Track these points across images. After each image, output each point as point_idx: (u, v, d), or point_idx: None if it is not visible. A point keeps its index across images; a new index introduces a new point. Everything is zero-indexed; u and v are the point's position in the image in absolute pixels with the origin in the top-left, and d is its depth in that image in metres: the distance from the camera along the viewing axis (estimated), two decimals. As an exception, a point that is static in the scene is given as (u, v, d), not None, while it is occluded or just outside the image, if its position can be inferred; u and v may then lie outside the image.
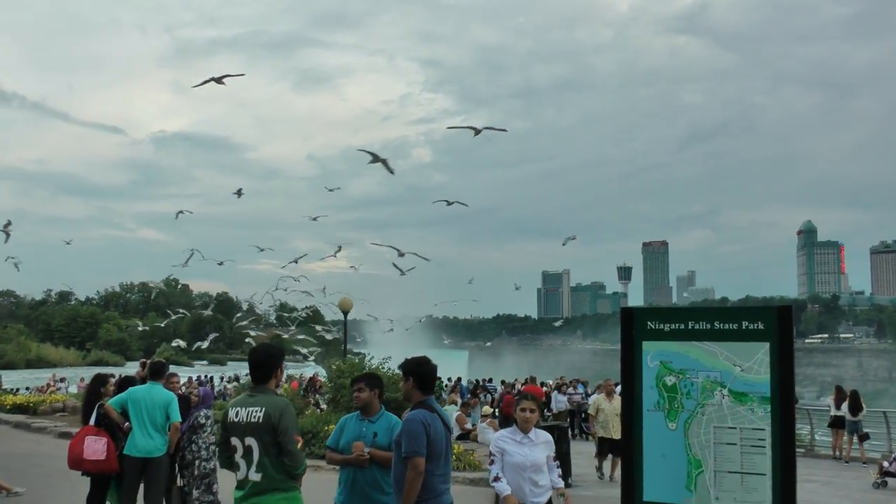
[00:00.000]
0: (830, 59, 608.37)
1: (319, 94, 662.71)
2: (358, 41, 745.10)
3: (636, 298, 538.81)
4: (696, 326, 5.90)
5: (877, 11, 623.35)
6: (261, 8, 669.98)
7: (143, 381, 26.12)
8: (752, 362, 5.72)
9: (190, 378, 56.88)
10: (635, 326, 6.09)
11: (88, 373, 72.03)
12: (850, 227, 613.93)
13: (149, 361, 27.19)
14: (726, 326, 5.82)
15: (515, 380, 46.39)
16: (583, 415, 32.83)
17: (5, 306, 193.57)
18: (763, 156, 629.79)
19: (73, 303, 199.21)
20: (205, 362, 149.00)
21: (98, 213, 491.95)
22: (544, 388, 41.84)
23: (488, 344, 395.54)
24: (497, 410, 32.95)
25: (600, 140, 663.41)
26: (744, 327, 5.78)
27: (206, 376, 69.41)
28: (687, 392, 5.86)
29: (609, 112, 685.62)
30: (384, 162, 37.92)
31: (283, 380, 52.99)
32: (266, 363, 6.74)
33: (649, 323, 6.05)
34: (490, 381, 48.73)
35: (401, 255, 39.12)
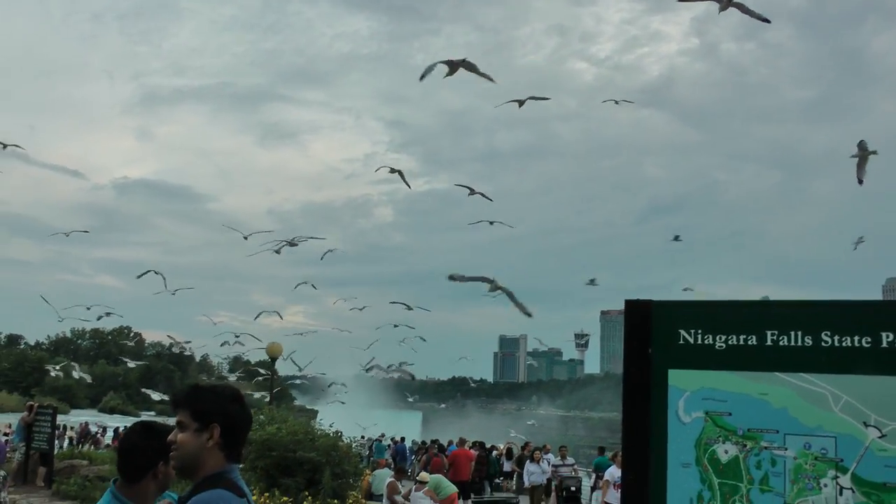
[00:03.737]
0: (789, 140, 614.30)
1: (283, 148, 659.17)
2: (325, 98, 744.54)
3: (593, 365, 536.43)
4: (784, 341, 2.84)
5: (834, 97, 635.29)
6: (229, 60, 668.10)
7: (28, 426, 22.75)
8: (903, 418, 2.67)
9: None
10: (654, 338, 3.00)
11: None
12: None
13: (36, 405, 23.87)
14: (847, 342, 2.77)
15: (431, 441, 42.96)
16: (564, 493, 26.60)
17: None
18: (723, 231, 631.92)
19: (21, 347, 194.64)
20: (153, 413, 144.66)
21: (55, 257, 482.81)
22: (494, 454, 38.76)
23: (443, 406, 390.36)
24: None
25: (562, 207, 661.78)
26: (886, 343, 2.73)
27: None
28: (763, 477, 2.80)
29: (571, 180, 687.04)
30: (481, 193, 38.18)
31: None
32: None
33: (684, 332, 2.96)
34: (436, 441, 44.92)
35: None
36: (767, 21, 25.10)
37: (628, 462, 2.99)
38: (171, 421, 3.84)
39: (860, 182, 24.52)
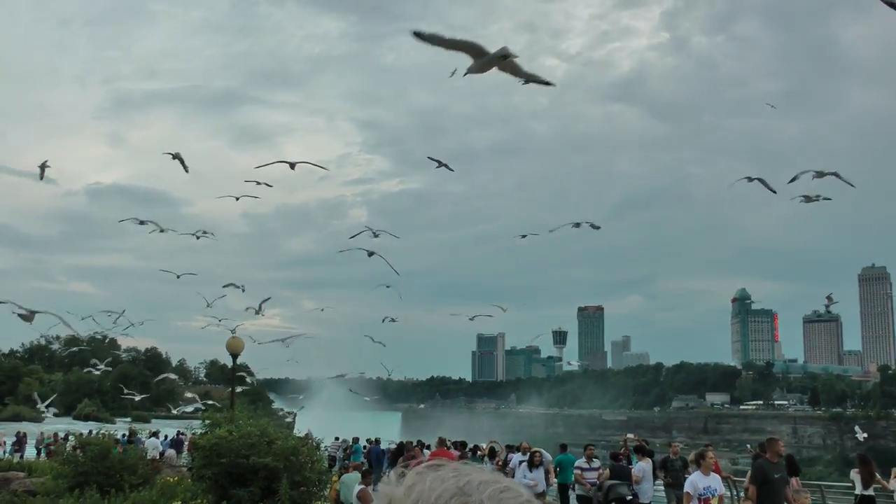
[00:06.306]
0: (761, 132, 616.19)
1: (257, 151, 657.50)
2: (297, 100, 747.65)
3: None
4: None
5: (804, 89, 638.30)
6: (200, 63, 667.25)
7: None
8: None
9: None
10: None
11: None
12: (783, 297, 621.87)
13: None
14: None
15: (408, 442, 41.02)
16: None
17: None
18: (697, 224, 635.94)
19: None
20: (128, 419, 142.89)
21: (28, 265, 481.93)
22: (478, 454, 36.91)
23: (421, 406, 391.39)
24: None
25: (536, 205, 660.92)
26: None
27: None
28: None
29: (545, 177, 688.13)
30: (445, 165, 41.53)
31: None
32: None
33: None
34: (419, 443, 42.69)
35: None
36: None
37: None
38: (149, 427, 2.01)
39: None
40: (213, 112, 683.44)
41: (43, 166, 50.88)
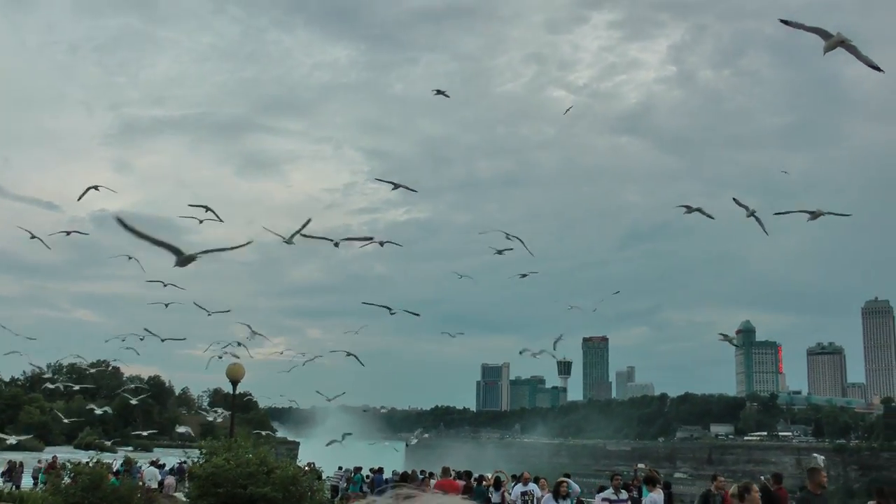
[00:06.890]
0: (767, 165, 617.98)
1: (264, 179, 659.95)
2: (304, 128, 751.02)
3: (576, 393, 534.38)
4: None
5: (809, 123, 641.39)
6: (208, 90, 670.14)
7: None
8: None
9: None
10: None
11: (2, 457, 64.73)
12: (787, 329, 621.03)
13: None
14: None
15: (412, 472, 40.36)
16: None
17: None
18: (702, 257, 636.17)
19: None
20: (130, 448, 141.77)
21: (33, 292, 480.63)
22: (483, 484, 36.31)
23: (426, 436, 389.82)
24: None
25: (542, 235, 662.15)
26: None
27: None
28: None
29: (551, 208, 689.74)
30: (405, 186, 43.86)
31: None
32: None
33: None
34: (423, 472, 42.24)
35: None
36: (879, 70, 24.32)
37: None
38: (150, 457, 1.70)
39: None
40: (220, 139, 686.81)
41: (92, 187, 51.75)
